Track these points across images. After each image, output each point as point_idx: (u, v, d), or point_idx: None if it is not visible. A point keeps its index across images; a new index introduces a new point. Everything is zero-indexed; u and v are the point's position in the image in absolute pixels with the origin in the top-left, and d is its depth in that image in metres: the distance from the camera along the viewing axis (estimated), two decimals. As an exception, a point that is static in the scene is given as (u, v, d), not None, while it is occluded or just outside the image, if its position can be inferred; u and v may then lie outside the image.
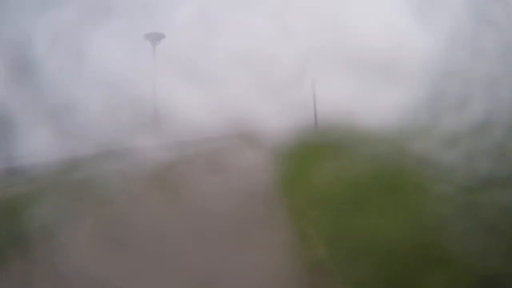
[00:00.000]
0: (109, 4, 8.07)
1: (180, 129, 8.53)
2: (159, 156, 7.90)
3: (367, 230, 4.46)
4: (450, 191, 4.72)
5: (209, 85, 8.36)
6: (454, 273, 3.60)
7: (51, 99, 7.46)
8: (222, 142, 9.39)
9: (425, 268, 3.76)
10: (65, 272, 4.11)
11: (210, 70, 8.38)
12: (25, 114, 7.32)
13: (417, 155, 5.83)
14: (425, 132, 6.26)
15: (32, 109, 7.29)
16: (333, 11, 7.76)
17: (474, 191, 4.60)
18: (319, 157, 7.31)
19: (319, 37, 7.86)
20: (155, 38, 10.12)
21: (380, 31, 7.54)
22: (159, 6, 8.84)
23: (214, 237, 4.91)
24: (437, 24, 6.94)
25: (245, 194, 6.29)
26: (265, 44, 8.15)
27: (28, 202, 5.93)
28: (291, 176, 7.32)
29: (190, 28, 8.39)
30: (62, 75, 7.69)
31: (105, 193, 6.44)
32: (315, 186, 6.40)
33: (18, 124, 7.34)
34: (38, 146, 7.61)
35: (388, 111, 7.05)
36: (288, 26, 8.10)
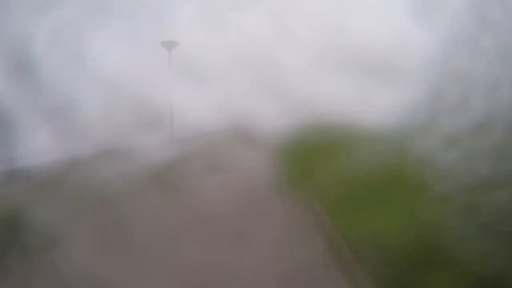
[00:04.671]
0: (109, 4, 8.06)
1: (180, 129, 8.53)
2: (159, 156, 7.89)
3: (367, 230, 4.47)
4: (450, 191, 4.72)
5: (209, 85, 8.36)
6: (454, 273, 3.61)
7: (51, 99, 7.46)
8: (222, 142, 9.39)
9: (425, 267, 3.76)
10: (66, 273, 4.11)
11: (210, 70, 8.38)
12: (24, 114, 7.32)
13: (417, 155, 5.83)
14: (425, 132, 6.26)
15: (32, 109, 7.29)
16: (332, 11, 7.76)
17: (474, 191, 4.60)
18: (319, 157, 7.31)
19: (318, 37, 7.86)
20: (170, 45, 10.00)
21: (379, 31, 7.54)
22: (158, 5, 8.84)
23: (215, 237, 4.91)
24: (437, 24, 6.94)
25: (245, 194, 6.29)
26: (265, 43, 8.15)
27: (28, 203, 5.92)
28: (291, 176, 7.33)
29: (189, 27, 8.39)
30: (62, 75, 7.69)
31: (105, 193, 6.44)
32: (315, 186, 6.40)
33: (18, 124, 7.33)
34: (38, 146, 7.60)
35: (388, 110, 7.05)
36: (288, 26, 8.10)
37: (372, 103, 7.36)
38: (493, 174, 4.81)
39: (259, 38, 8.04)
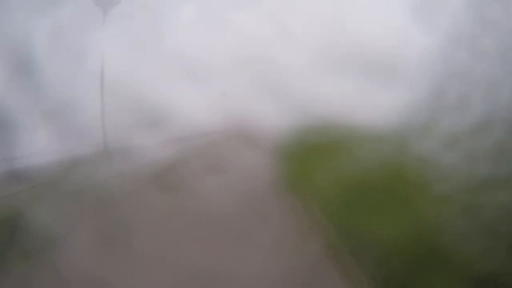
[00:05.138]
0: (110, 6, 8.06)
1: (180, 130, 8.52)
2: (159, 156, 7.90)
3: (367, 230, 4.47)
4: (450, 191, 4.72)
5: (209, 85, 8.36)
6: (453, 273, 3.60)
7: (51, 99, 7.46)
8: (222, 142, 9.40)
9: (425, 267, 3.76)
10: (66, 273, 4.11)
11: (210, 70, 8.38)
12: (24, 114, 7.32)
13: (417, 155, 5.83)
14: (425, 132, 6.26)
15: (32, 109, 7.29)
16: (333, 11, 7.76)
17: (474, 191, 4.60)
18: (319, 157, 7.31)
19: (318, 37, 7.86)
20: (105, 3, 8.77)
21: (379, 31, 7.54)
22: (158, 5, 8.83)
23: (215, 237, 4.92)
24: (437, 24, 6.94)
25: (245, 194, 6.30)
26: (265, 43, 8.15)
27: (28, 203, 5.92)
28: (291, 176, 7.33)
29: (190, 26, 8.39)
30: (62, 75, 7.68)
31: (105, 193, 6.44)
32: (315, 186, 6.40)
33: (18, 124, 7.33)
34: (38, 146, 7.60)
35: (388, 111, 7.05)
36: (288, 26, 8.10)
37: (372, 103, 7.36)
38: (493, 174, 4.80)
39: (259, 38, 8.04)
